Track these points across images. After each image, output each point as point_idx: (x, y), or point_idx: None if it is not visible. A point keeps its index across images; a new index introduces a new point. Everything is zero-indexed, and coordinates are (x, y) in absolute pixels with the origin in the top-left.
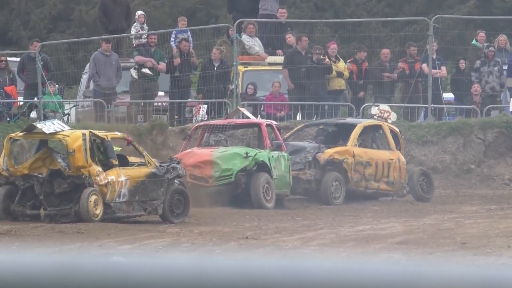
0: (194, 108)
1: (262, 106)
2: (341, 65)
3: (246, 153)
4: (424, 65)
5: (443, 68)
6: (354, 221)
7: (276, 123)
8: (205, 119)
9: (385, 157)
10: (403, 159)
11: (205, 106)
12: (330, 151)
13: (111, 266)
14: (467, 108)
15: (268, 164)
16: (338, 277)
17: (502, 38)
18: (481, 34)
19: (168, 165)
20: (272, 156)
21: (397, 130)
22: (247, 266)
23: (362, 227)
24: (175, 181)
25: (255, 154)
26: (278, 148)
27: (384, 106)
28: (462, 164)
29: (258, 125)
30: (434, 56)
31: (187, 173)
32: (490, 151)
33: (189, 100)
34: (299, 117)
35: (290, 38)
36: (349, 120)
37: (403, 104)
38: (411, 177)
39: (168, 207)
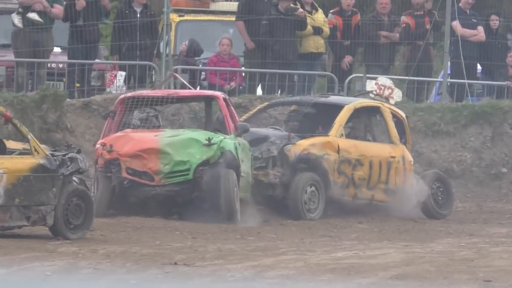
0: (106, 74)
1: (203, 73)
2: (320, 18)
3: (209, 139)
4: (455, 23)
5: (480, 28)
6: (331, 244)
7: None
8: (123, 90)
9: (384, 153)
10: (409, 157)
11: (122, 72)
12: (304, 143)
13: None
14: (500, 85)
15: (236, 156)
16: None
17: None
18: None
19: (64, 155)
20: (239, 144)
21: (403, 115)
22: None
23: (342, 253)
24: (74, 178)
25: (220, 141)
26: (244, 133)
27: (385, 80)
28: (489, 166)
29: (212, 98)
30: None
31: (122, 166)
32: None
33: (98, 61)
34: (258, 91)
35: None
36: (333, 99)
37: (406, 77)
38: (420, 183)
39: (62, 215)
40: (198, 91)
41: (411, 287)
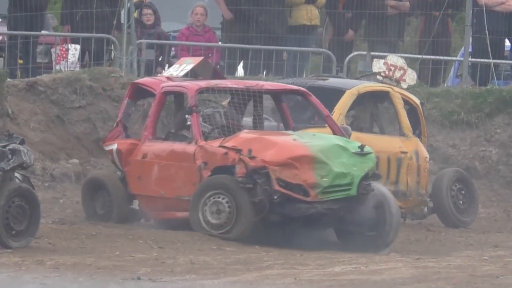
0: (54, 49)
1: (173, 48)
2: None
3: (361, 147)
4: None
5: None
6: (327, 256)
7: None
8: (77, 68)
9: (394, 148)
10: (425, 152)
11: (77, 45)
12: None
13: None
14: None
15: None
16: None
17: None
18: None
19: (4, 146)
20: None
21: (417, 101)
22: None
23: (340, 267)
24: (16, 174)
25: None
26: (348, 137)
27: (396, 59)
28: None
29: (301, 93)
30: None
31: (272, 176)
32: None
33: (45, 33)
34: (239, 71)
35: None
36: (333, 82)
37: (419, 56)
38: (438, 184)
39: (1, 219)
40: (283, 85)
41: None
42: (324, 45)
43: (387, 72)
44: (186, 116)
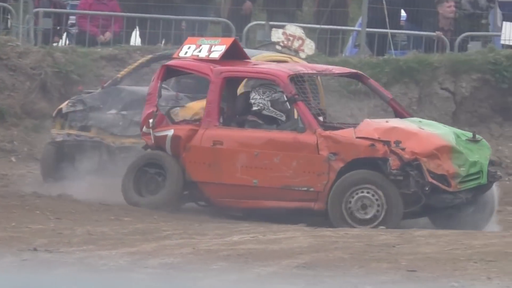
0: None
1: (71, 17)
2: None
3: (474, 135)
4: None
5: None
6: (226, 226)
7: None
8: None
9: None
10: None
11: None
12: (195, 106)
13: None
14: (428, 36)
15: None
16: None
17: None
18: None
19: None
20: None
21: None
22: None
23: (239, 237)
24: None
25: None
26: None
27: (294, 29)
28: None
29: (359, 76)
30: None
31: (424, 168)
32: (464, 111)
33: None
34: (134, 39)
35: None
36: None
37: (317, 26)
38: None
39: None
40: (348, 69)
41: (321, 277)
42: (223, 14)
43: (285, 42)
44: (253, 101)
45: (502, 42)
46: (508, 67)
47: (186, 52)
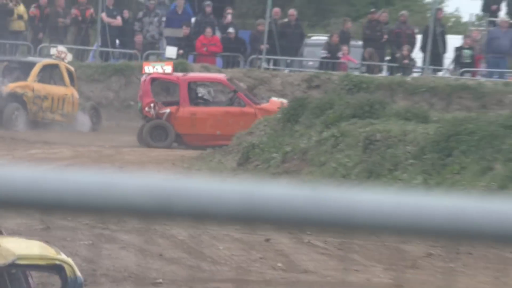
0: None
1: None
2: (21, 9)
3: None
4: (103, 14)
5: (119, 18)
6: (28, 146)
7: None
8: None
9: (61, 92)
10: (76, 94)
11: None
12: (12, 85)
13: None
14: (130, 52)
15: None
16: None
17: None
18: None
19: None
20: None
21: (72, 69)
22: None
23: (35, 151)
24: None
25: None
26: None
27: (62, 48)
28: (123, 100)
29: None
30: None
31: None
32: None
33: None
34: None
35: None
36: (30, 58)
37: (74, 46)
38: (83, 110)
39: None
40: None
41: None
42: (28, 41)
43: (58, 54)
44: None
45: (166, 55)
46: None
47: (150, 69)
